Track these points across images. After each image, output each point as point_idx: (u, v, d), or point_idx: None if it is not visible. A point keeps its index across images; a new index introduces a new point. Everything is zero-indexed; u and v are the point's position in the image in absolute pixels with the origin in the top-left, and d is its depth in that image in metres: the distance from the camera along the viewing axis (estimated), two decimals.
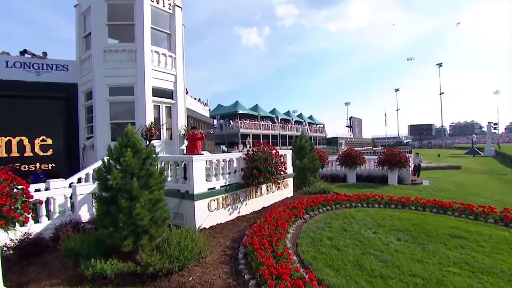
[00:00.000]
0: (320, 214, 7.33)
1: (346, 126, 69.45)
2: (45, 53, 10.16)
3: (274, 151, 7.52)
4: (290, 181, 9.54)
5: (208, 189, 6.22)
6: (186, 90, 19.32)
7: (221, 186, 6.55)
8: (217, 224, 6.31)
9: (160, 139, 10.20)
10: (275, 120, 40.47)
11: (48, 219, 5.65)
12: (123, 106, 9.60)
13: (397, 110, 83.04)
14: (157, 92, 10.01)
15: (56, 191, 5.88)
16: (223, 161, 6.72)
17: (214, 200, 6.30)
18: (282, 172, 7.53)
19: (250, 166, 7.00)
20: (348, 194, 9.05)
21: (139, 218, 4.25)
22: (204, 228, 5.99)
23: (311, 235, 5.79)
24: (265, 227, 5.59)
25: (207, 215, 6.11)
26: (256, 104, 39.02)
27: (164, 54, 10.23)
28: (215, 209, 6.31)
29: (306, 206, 7.36)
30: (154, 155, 4.80)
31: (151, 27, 9.76)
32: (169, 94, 10.51)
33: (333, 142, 56.42)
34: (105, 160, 4.66)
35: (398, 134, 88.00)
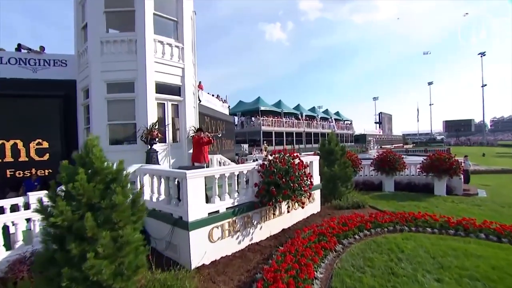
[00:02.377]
0: (357, 243, 5.66)
1: (375, 123, 65.65)
2: (42, 48, 9.21)
3: (297, 161, 5.92)
4: (317, 193, 7.89)
5: (210, 213, 4.77)
6: (201, 85, 18.07)
7: (227, 208, 5.08)
8: (221, 258, 4.85)
9: (165, 142, 8.92)
10: (299, 116, 38.51)
11: (6, 250, 4.48)
12: (123, 105, 8.40)
13: (430, 104, 77.04)
14: (161, 88, 8.71)
15: (17, 216, 4.69)
16: (229, 175, 5.23)
17: (217, 227, 4.84)
18: (307, 188, 5.91)
19: (266, 181, 5.46)
20: (390, 212, 7.24)
21: (93, 272, 2.89)
22: (203, 264, 4.56)
23: (347, 282, 4.17)
24: (282, 269, 4.05)
25: (208, 247, 4.67)
26: (279, 100, 37.30)
27: (170, 45, 8.89)
28: (218, 238, 4.85)
29: (338, 232, 5.70)
30: (123, 176, 3.40)
31: (154, 13, 8.44)
32: (175, 90, 9.18)
33: (361, 139, 53.36)
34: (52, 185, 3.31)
35: (431, 131, 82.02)
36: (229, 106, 24.19)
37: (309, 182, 5.98)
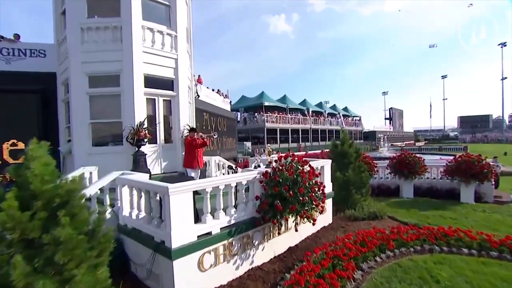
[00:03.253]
0: (378, 267, 4.84)
1: (385, 119, 64.31)
2: (17, 36, 8.46)
3: (307, 168, 5.09)
4: (328, 203, 7.04)
5: (200, 235, 3.98)
6: (200, 79, 17.28)
7: (222, 228, 4.28)
8: None
9: (155, 143, 8.15)
10: (306, 112, 37.55)
11: None
12: (107, 101, 7.64)
13: (443, 99, 75.28)
14: (151, 82, 7.92)
15: None
16: (225, 187, 4.42)
17: (209, 253, 4.05)
18: (319, 202, 5.07)
19: (270, 193, 4.65)
20: (415, 226, 6.38)
21: None
22: None
23: None
24: None
25: (197, 278, 3.89)
26: (284, 95, 36.37)
27: (161, 32, 8.08)
28: (211, 266, 4.06)
29: (356, 255, 4.88)
30: (77, 199, 2.60)
31: None
32: (167, 83, 8.39)
33: (370, 136, 52.26)
34: None
35: (444, 127, 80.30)
36: (230, 102, 23.38)
37: (321, 194, 5.15)
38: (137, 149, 7.22)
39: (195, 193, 4.08)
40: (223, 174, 10.07)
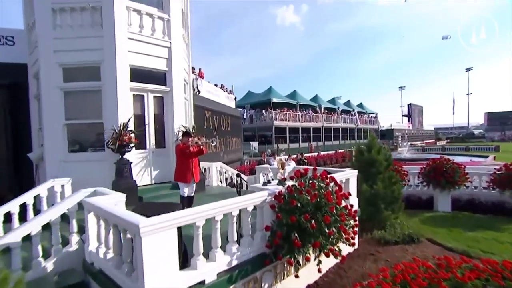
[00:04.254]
0: None
1: (403, 115, 62.56)
2: None
3: (333, 187, 4.06)
4: None
5: (190, 287, 3.00)
6: (201, 73, 16.31)
7: (219, 274, 3.29)
8: None
9: (144, 148, 7.22)
10: (318, 109, 36.36)
11: None
12: (86, 98, 6.74)
13: (467, 94, 72.73)
14: (139, 75, 6.99)
15: None
16: (224, 217, 3.41)
17: None
18: (352, 233, 4.02)
19: (285, 222, 3.63)
20: (467, 258, 5.28)
21: None
22: None
23: None
24: None
25: None
26: (294, 91, 35.23)
27: (151, 15, 7.11)
28: None
29: None
30: None
31: None
32: (159, 77, 7.45)
33: (387, 135, 50.80)
34: None
35: (468, 124, 77.80)
36: (235, 98, 22.40)
37: (352, 222, 4.11)
38: (120, 156, 6.29)
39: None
40: (226, 183, 9.12)
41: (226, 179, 9.34)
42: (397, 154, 31.50)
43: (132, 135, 6.42)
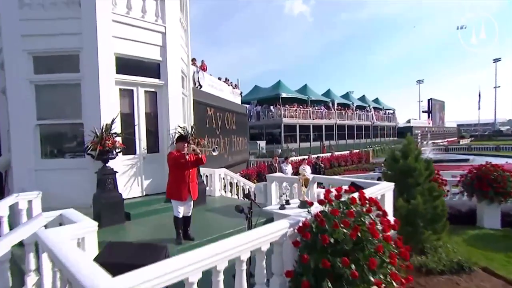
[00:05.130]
0: None
1: (423, 111, 60.93)
2: None
3: (376, 217, 3.15)
4: None
5: None
6: (204, 65, 15.45)
7: None
8: None
9: (134, 153, 6.39)
10: (330, 105, 35.32)
11: None
12: (62, 93, 5.92)
13: (495, 87, 70.26)
14: (127, 65, 6.17)
15: None
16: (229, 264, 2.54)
17: None
18: (402, 279, 3.12)
19: (313, 267, 2.73)
20: None
21: None
22: None
23: None
24: None
25: None
26: (305, 85, 34.24)
27: None
28: None
29: None
30: None
31: None
32: (152, 68, 6.61)
33: (405, 133, 49.38)
34: None
35: (495, 120, 75.37)
36: (241, 93, 21.52)
37: (404, 262, 3.20)
38: (103, 164, 5.47)
39: None
40: (231, 192, 8.28)
41: (230, 184, 8.51)
42: None
43: (118, 138, 5.60)
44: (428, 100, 56.91)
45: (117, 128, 5.79)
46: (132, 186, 6.33)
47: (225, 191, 8.47)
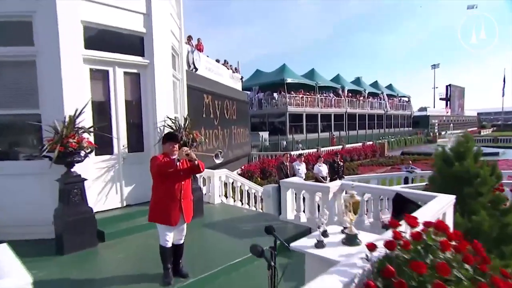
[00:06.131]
0: None
1: (440, 99, 59.62)
2: None
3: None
4: None
5: None
6: (200, 44, 14.25)
7: None
8: None
9: (110, 153, 5.32)
10: (340, 92, 34.15)
11: None
12: (12, 74, 4.80)
13: None
14: (99, 38, 5.06)
15: None
16: None
17: None
18: None
19: None
20: None
21: None
22: None
23: None
24: None
25: None
26: (312, 69, 33.03)
27: None
28: None
29: None
30: None
31: None
32: (132, 43, 5.50)
33: (422, 122, 48.44)
34: None
35: None
36: (242, 78, 20.35)
37: None
38: (66, 169, 4.40)
39: None
40: (234, 198, 7.26)
41: (233, 187, 7.51)
42: (438, 148, 29.28)
43: (87, 136, 4.51)
44: (447, 86, 55.42)
45: (87, 121, 4.71)
46: (109, 195, 5.28)
47: (227, 197, 7.46)
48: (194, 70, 11.82)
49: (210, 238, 5.06)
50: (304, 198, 5.73)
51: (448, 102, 55.01)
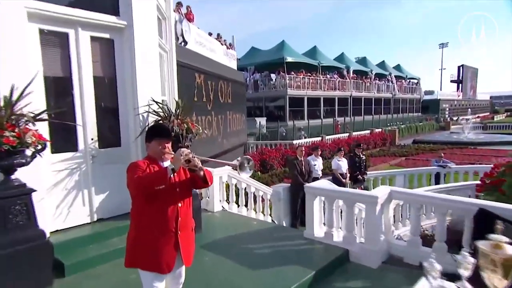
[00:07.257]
0: None
1: (452, 81, 58.83)
2: None
3: None
4: None
5: None
6: (190, 13, 12.91)
7: None
8: None
9: (75, 149, 4.15)
10: (345, 72, 33.02)
11: None
12: None
13: None
14: None
15: None
16: None
17: None
18: None
19: None
20: None
21: None
22: None
23: None
24: None
25: None
26: (314, 47, 31.79)
27: None
28: None
29: None
30: None
31: None
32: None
33: (431, 107, 47.78)
34: None
35: None
36: (237, 57, 19.05)
37: None
38: (3, 176, 3.24)
39: None
40: (237, 203, 6.18)
41: (236, 191, 6.42)
42: (454, 136, 28.53)
43: (33, 127, 3.33)
44: (459, 67, 54.45)
45: (36, 104, 3.51)
46: (72, 208, 4.12)
47: (229, 202, 6.36)
48: (183, 43, 10.57)
49: (212, 265, 3.95)
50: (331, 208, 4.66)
51: (460, 85, 54.28)
